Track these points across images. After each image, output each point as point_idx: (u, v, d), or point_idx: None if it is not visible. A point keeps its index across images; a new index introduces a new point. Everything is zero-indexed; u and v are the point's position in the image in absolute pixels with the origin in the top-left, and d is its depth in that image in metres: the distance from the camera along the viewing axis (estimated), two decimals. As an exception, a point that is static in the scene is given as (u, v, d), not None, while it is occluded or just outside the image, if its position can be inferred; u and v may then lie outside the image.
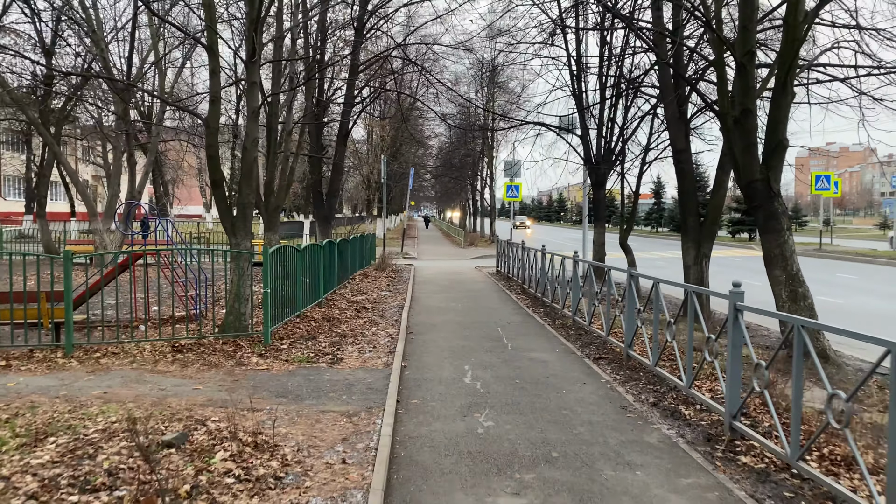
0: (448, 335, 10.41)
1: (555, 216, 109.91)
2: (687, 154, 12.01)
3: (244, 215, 9.32)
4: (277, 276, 10.01)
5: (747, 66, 8.10)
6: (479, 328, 11.08)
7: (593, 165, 18.43)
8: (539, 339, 10.11)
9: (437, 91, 21.96)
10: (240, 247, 9.32)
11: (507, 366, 8.25)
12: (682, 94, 11.96)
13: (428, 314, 12.64)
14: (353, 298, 14.49)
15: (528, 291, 15.97)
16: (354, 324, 11.28)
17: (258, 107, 9.24)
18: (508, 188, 37.08)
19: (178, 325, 10.14)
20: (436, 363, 8.39)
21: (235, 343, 8.94)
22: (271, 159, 12.84)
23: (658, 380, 7.50)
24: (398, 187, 48.56)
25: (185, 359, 8.18)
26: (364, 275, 19.49)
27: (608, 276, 9.47)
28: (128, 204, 16.08)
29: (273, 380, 7.33)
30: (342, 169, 21.22)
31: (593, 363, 8.50)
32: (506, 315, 12.60)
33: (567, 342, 9.89)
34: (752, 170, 8.21)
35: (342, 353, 8.84)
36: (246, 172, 9.36)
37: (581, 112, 18.33)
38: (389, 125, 37.36)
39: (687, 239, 11.89)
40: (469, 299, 14.89)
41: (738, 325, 5.56)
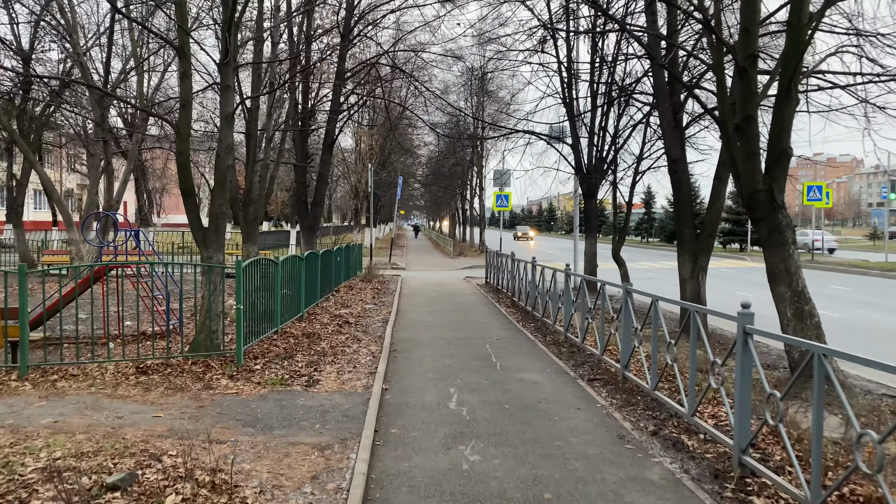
0: (433, 353, 9.88)
1: (545, 225, 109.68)
2: (683, 163, 11.57)
3: (216, 226, 8.77)
4: (254, 290, 9.45)
5: (749, 71, 7.65)
6: (467, 345, 10.55)
7: (584, 175, 18.01)
8: (530, 358, 9.59)
9: (426, 99, 21.52)
10: (212, 260, 8.76)
11: (496, 388, 7.72)
12: (678, 102, 11.54)
13: (413, 329, 12.10)
14: (336, 312, 13.93)
15: (517, 304, 15.47)
16: (335, 340, 10.72)
17: (232, 112, 8.71)
18: (498, 197, 36.67)
19: (148, 343, 9.58)
20: (419, 385, 7.85)
21: (206, 363, 8.36)
22: (250, 167, 12.30)
23: (657, 405, 6.99)
24: (387, 196, 48.03)
25: (149, 381, 7.60)
26: (349, 287, 18.92)
27: (602, 291, 8.98)
28: (94, 214, 15.44)
29: (242, 405, 6.77)
30: (327, 178, 20.67)
31: (587, 385, 7.99)
32: (495, 330, 12.07)
33: (559, 361, 9.38)
34: (755, 180, 7.75)
35: (320, 373, 8.28)
36: (219, 181, 8.82)
37: (572, 120, 17.92)
38: (378, 134, 36.87)
39: (683, 251, 11.44)
40: (457, 313, 14.37)
41: (747, 350, 5.06)
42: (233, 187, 12.46)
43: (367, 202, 32.80)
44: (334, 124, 19.63)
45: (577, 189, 19.70)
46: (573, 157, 18.31)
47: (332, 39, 18.30)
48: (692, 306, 6.09)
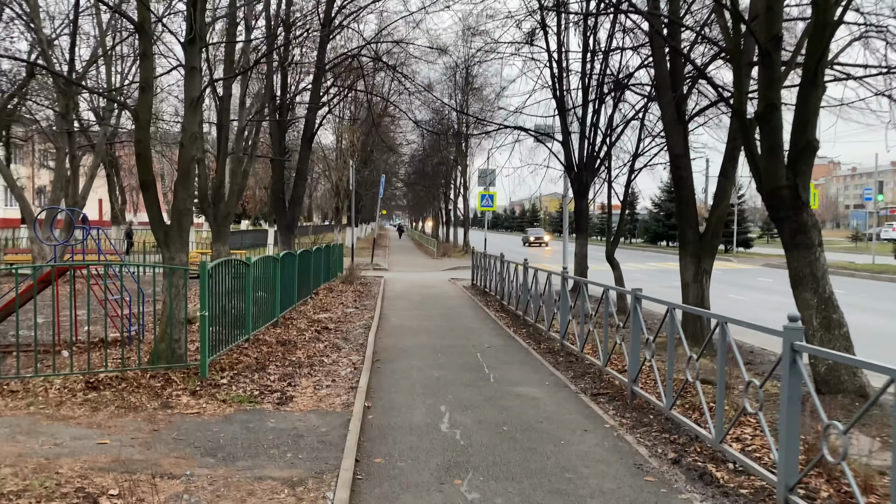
0: (421, 363, 9.05)
1: (528, 226, 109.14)
2: (686, 160, 10.86)
3: (179, 224, 7.87)
4: (223, 294, 8.57)
5: (773, 54, 6.93)
6: (457, 353, 9.74)
7: (575, 173, 17.29)
8: (525, 369, 8.80)
9: (410, 92, 20.68)
10: (173, 261, 7.86)
11: (492, 406, 6.91)
12: (681, 94, 10.82)
13: (398, 336, 11.26)
14: (315, 317, 13.04)
15: (507, 308, 14.68)
16: (313, 349, 9.86)
17: (197, 97, 7.83)
18: (483, 197, 35.91)
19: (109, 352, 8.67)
20: (406, 402, 7.02)
21: (166, 377, 7.46)
22: (221, 160, 11.39)
23: (673, 426, 6.23)
24: (369, 195, 47.10)
25: (98, 399, 6.69)
26: (329, 289, 18.02)
27: (606, 296, 8.20)
28: (50, 210, 14.42)
29: (203, 429, 5.89)
30: (306, 174, 19.76)
31: (592, 401, 7.21)
32: (485, 337, 11.28)
33: (557, 372, 8.60)
34: (778, 175, 7.03)
35: (294, 388, 7.42)
36: (182, 174, 7.92)
37: (563, 115, 17.19)
38: (360, 130, 35.96)
39: (686, 253, 10.72)
40: (444, 317, 13.55)
41: (796, 371, 4.30)
42: (202, 182, 11.55)
43: (349, 201, 31.88)
44: (314, 117, 18.72)
45: (566, 188, 19.00)
46: (563, 154, 17.59)
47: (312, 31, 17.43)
48: (721, 317, 5.33)
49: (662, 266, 33.49)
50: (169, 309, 7.76)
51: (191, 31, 7.61)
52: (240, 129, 11.33)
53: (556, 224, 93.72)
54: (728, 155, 10.70)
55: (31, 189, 53.73)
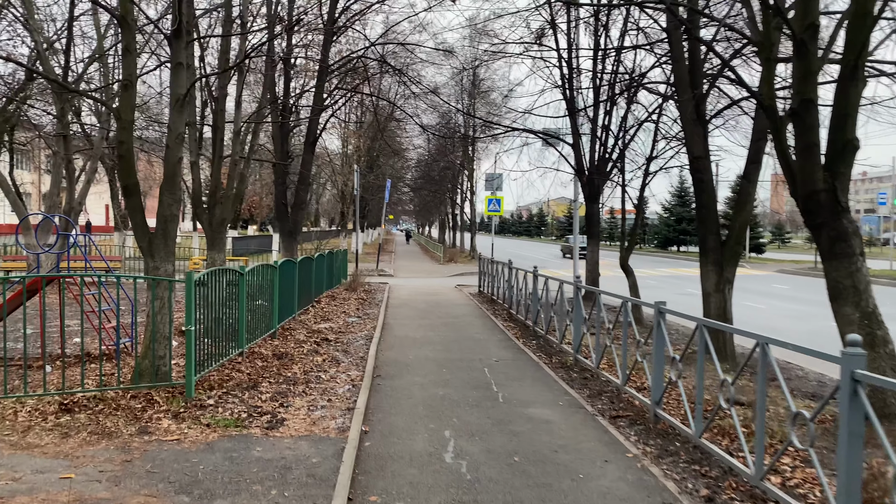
0: (424, 379, 8.46)
1: (535, 231, 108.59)
2: (706, 162, 10.24)
3: (165, 231, 7.32)
4: (215, 305, 8.02)
5: (809, 44, 6.32)
6: (463, 369, 9.14)
7: (587, 176, 16.68)
8: (537, 386, 8.19)
9: (416, 95, 20.14)
10: (158, 271, 7.30)
11: (501, 431, 6.30)
12: (701, 93, 10.21)
13: (401, 348, 10.68)
14: (315, 327, 12.47)
15: (516, 318, 14.07)
16: (310, 363, 9.28)
17: (184, 94, 7.28)
18: (490, 201, 35.35)
19: (93, 368, 8.14)
20: (407, 426, 6.42)
21: (148, 397, 6.90)
22: (216, 164, 10.85)
23: (702, 455, 5.61)
24: (374, 200, 46.60)
25: (71, 423, 6.12)
26: (332, 297, 17.46)
27: (625, 309, 7.58)
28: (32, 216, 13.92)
29: (181, 459, 5.31)
30: (309, 179, 19.23)
31: (611, 425, 6.59)
32: (493, 349, 10.67)
33: (572, 390, 7.98)
34: (814, 178, 6.41)
35: (286, 409, 6.83)
36: (168, 177, 7.37)
37: (573, 117, 16.59)
38: (365, 135, 35.48)
39: (706, 261, 10.09)
40: (449, 328, 12.95)
41: (857, 405, 3.69)
42: (196, 186, 11.01)
43: (354, 206, 31.34)
44: (317, 120, 18.21)
45: (577, 192, 18.39)
46: (574, 157, 16.99)
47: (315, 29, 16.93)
48: (762, 337, 4.72)
49: (675, 272, 32.79)
50: (152, 323, 7.19)
51: (177, 22, 7.07)
52: (235, 131, 10.79)
53: (563, 229, 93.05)
54: (751, 157, 10.09)
55: (37, 195, 53.56)
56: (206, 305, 7.72)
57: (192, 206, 11.02)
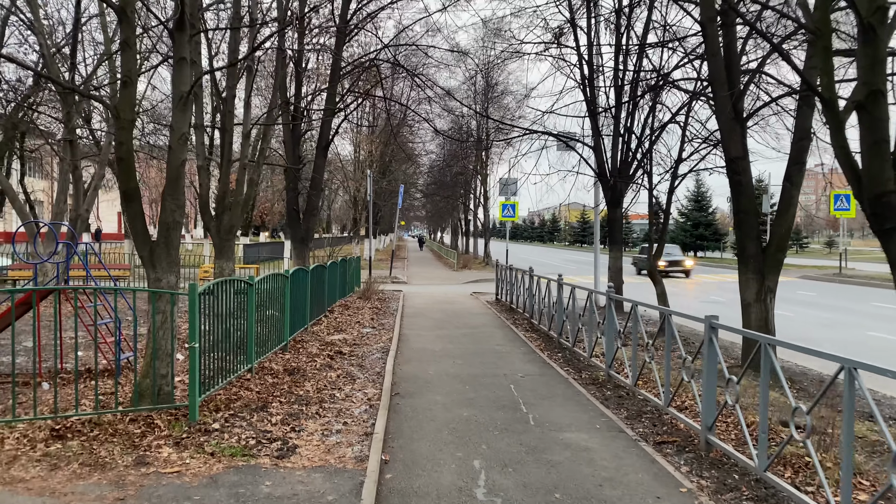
0: (446, 398, 7.84)
1: (547, 237, 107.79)
2: (745, 163, 9.58)
3: (167, 239, 6.76)
4: (222, 319, 7.46)
5: (877, 29, 5.67)
6: (487, 385, 8.51)
7: (609, 180, 16.04)
8: (569, 406, 7.54)
9: (429, 98, 19.58)
10: (160, 282, 6.74)
11: (536, 460, 5.67)
12: (739, 89, 9.56)
13: (419, 362, 10.07)
14: (328, 339, 11.89)
15: (538, 328, 13.43)
16: (324, 379, 8.69)
17: (188, 92, 6.73)
18: (504, 207, 34.75)
19: (93, 387, 7.60)
20: (431, 455, 5.80)
21: (149, 420, 6.33)
22: (224, 168, 10.31)
23: (767, 490, 4.96)
24: (387, 206, 46.11)
25: (62, 452, 5.55)
26: (345, 305, 16.88)
27: (668, 324, 6.92)
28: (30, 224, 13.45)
29: (181, 496, 4.73)
30: (321, 185, 18.70)
31: (656, 452, 5.95)
32: (517, 363, 10.04)
33: (608, 411, 7.34)
34: (883, 178, 5.74)
35: (298, 434, 6.24)
36: (171, 181, 6.82)
37: (594, 118, 15.98)
38: (378, 140, 35.00)
39: (746, 269, 9.42)
40: (469, 339, 12.33)
41: None
42: (204, 192, 10.48)
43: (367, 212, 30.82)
44: (329, 124, 17.70)
45: (597, 196, 17.75)
46: (595, 160, 16.36)
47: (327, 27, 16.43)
48: (848, 361, 4.07)
49: (694, 278, 31.99)
50: (153, 339, 6.63)
51: (179, 15, 6.53)
52: (245, 134, 10.26)
53: (576, 235, 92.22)
54: (794, 157, 9.43)
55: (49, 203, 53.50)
56: (213, 319, 7.16)
57: (200, 213, 10.48)
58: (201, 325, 6.85)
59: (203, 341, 6.88)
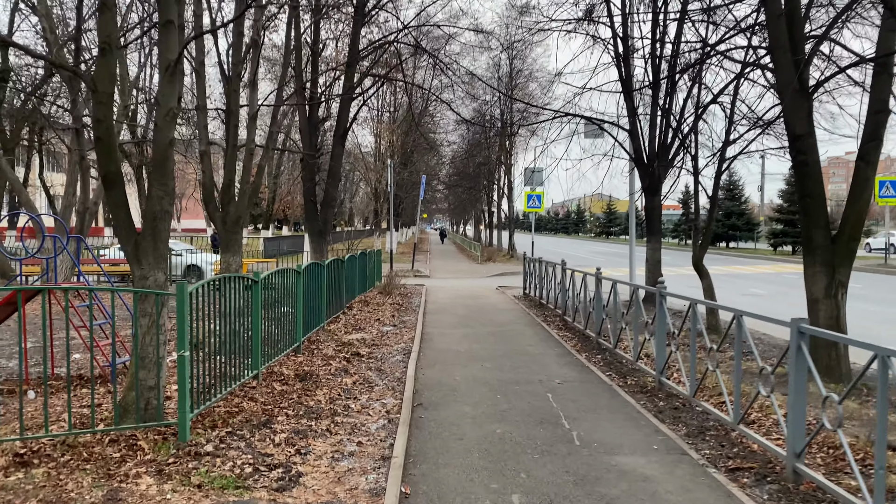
0: (476, 410, 6.87)
1: (572, 228, 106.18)
2: (811, 141, 8.45)
3: (154, 231, 5.87)
4: (227, 319, 6.58)
5: None
6: (521, 394, 7.53)
7: (646, 165, 14.92)
8: (619, 420, 6.53)
9: (452, 82, 18.58)
10: (146, 281, 5.85)
11: (588, 495, 4.68)
12: (804, 57, 8.43)
13: (444, 366, 9.11)
14: (345, 339, 10.99)
15: (572, 326, 12.40)
16: (338, 386, 7.78)
17: (175, 60, 5.82)
18: (529, 198, 33.66)
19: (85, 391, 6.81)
20: (461, 487, 4.84)
21: (131, 441, 5.46)
22: (230, 154, 9.42)
23: (887, 541, 3.93)
24: (409, 198, 45.18)
25: (21, 485, 4.67)
26: (364, 301, 15.98)
27: (740, 327, 5.86)
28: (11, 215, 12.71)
29: (153, 547, 3.83)
30: (339, 175, 17.82)
31: (731, 482, 4.92)
32: (553, 367, 9.04)
33: (663, 426, 6.31)
34: None
35: (304, 459, 5.32)
36: (157, 163, 5.93)
37: (629, 97, 14.84)
38: (399, 129, 34.06)
39: (813, 261, 8.31)
40: (498, 338, 11.34)
41: None
42: (208, 180, 9.61)
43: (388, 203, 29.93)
44: (347, 111, 16.78)
45: (632, 182, 16.63)
46: (631, 144, 15.24)
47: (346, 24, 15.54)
48: None
49: (729, 270, 30.61)
50: (140, 346, 5.74)
51: (163, -31, 5.61)
52: (251, 116, 9.36)
53: (602, 226, 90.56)
54: (869, 133, 8.26)
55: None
56: (211, 322, 6.27)
57: (204, 203, 9.63)
58: (197, 328, 5.97)
59: (199, 347, 6.00)
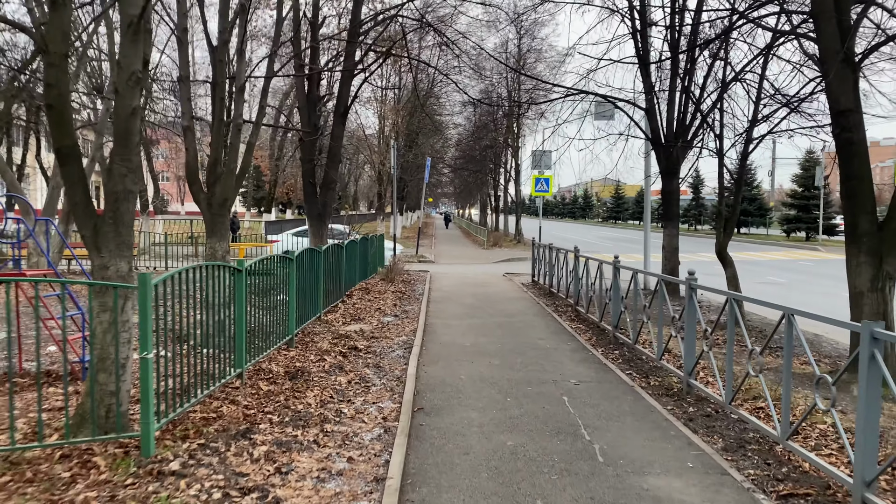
0: (483, 416, 6.12)
1: (579, 213, 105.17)
2: (857, 117, 7.61)
3: (116, 214, 5.10)
4: (196, 316, 5.84)
5: None
6: (533, 397, 6.77)
7: (663, 146, 14.07)
8: (646, 430, 5.76)
9: (458, 56, 17.67)
10: (106, 271, 5.09)
11: (619, 531, 3.93)
12: (850, 23, 7.56)
13: (448, 362, 8.36)
14: (343, 330, 10.25)
15: (585, 317, 11.63)
16: (331, 386, 7.04)
17: (138, 15, 5.01)
18: (537, 181, 32.82)
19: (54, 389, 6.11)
20: (467, 517, 4.10)
21: (86, 456, 4.73)
22: (216, 129, 8.63)
23: None
24: (413, 181, 44.33)
25: (-52, 512, 3.97)
26: (365, 289, 15.23)
27: (790, 326, 5.07)
28: None
29: None
30: (340, 155, 16.98)
31: (787, 514, 4.17)
32: (567, 364, 8.27)
33: (697, 438, 5.54)
34: None
35: (284, 479, 4.58)
36: (119, 136, 5.15)
37: (645, 71, 13.95)
38: (403, 110, 33.16)
39: (857, 249, 7.49)
40: (506, 330, 10.58)
41: None
42: (191, 158, 8.82)
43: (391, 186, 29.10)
44: (348, 87, 15.93)
45: (648, 165, 15.79)
46: (646, 123, 14.38)
47: None
48: None
49: (741, 256, 29.77)
50: (101, 346, 4.99)
51: None
52: (239, 88, 8.55)
53: (609, 211, 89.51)
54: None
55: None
56: (186, 316, 5.52)
57: (188, 183, 8.85)
58: (169, 324, 5.24)
59: (171, 345, 5.26)
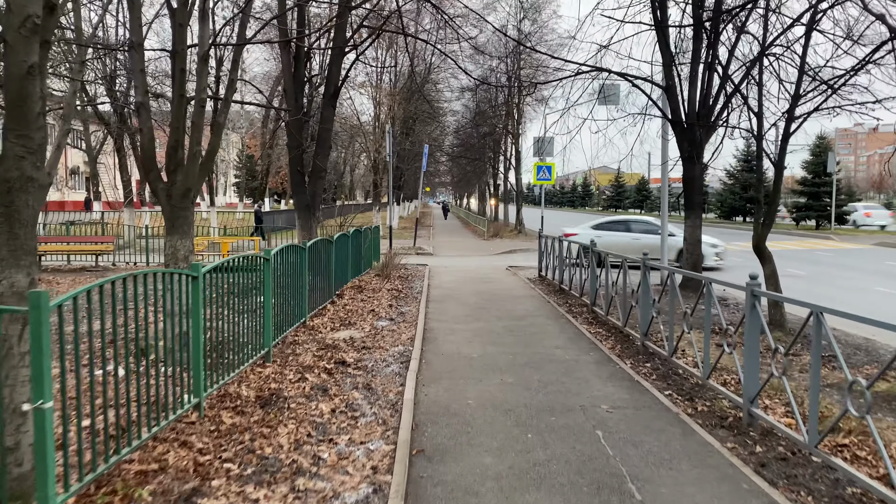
0: (499, 462, 4.82)
1: (578, 202, 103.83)
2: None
3: (10, 208, 3.79)
4: (137, 335, 4.53)
5: None
6: (559, 431, 5.47)
7: (685, 127, 12.73)
8: (711, 485, 4.47)
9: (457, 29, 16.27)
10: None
11: None
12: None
13: (452, 381, 7.07)
14: (330, 338, 8.95)
15: (604, 320, 10.32)
16: (310, 418, 5.74)
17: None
18: (539, 169, 31.46)
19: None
20: None
21: (-41, 545, 3.44)
22: (176, 105, 7.28)
23: None
24: (410, 170, 42.92)
25: None
26: (358, 287, 13.91)
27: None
28: None
29: None
30: (329, 140, 15.62)
31: None
32: (594, 381, 6.98)
33: (776, 494, 4.26)
34: None
35: (232, 579, 3.29)
36: (11, 105, 3.84)
37: (664, 45, 12.59)
38: (399, 95, 31.73)
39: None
40: (517, 337, 9.28)
41: None
42: (147, 141, 7.46)
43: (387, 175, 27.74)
44: (339, 67, 14.57)
45: (665, 149, 14.44)
46: (666, 102, 13.02)
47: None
48: None
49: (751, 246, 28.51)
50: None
51: None
52: (201, 57, 7.19)
53: (609, 200, 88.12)
54: None
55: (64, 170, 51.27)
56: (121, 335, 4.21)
57: (144, 170, 7.51)
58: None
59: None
